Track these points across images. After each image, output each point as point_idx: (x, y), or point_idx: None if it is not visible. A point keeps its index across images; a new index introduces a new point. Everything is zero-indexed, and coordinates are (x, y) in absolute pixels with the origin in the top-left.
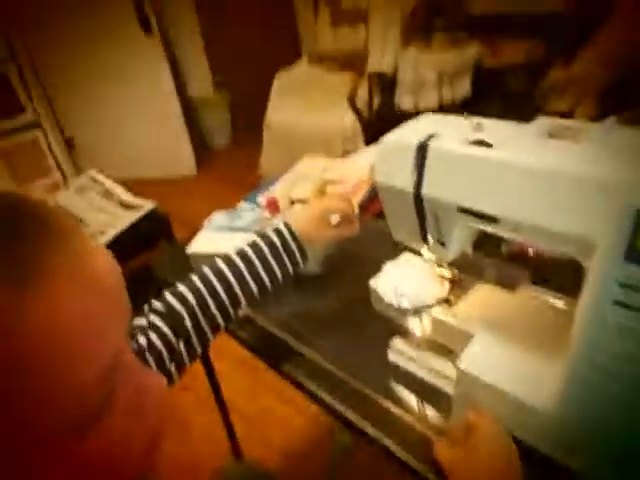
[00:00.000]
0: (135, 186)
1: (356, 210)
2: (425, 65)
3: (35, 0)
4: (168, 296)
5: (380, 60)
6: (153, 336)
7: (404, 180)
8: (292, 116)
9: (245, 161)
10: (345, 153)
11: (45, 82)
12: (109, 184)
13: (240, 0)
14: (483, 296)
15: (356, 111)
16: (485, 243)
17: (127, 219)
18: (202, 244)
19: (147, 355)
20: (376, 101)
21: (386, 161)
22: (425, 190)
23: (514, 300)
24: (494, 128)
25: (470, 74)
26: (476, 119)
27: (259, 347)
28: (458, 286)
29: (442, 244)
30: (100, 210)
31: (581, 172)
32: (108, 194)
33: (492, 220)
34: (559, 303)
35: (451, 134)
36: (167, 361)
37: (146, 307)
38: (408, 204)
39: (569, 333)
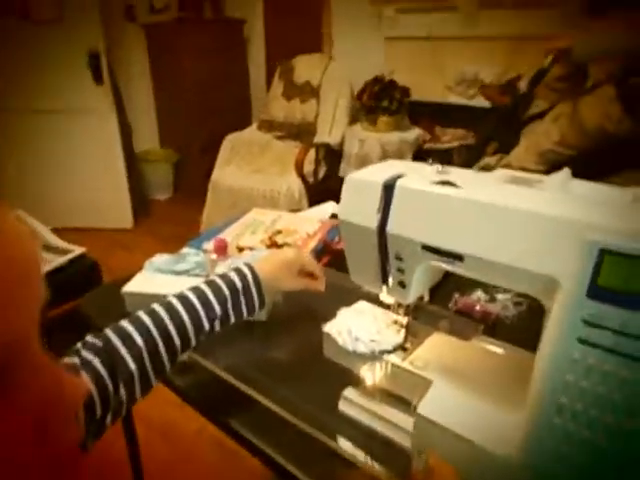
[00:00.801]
0: (66, 234)
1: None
2: (370, 141)
3: None
4: (108, 332)
5: (328, 133)
6: (84, 376)
7: (369, 217)
8: (238, 176)
9: (185, 217)
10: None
11: None
12: (36, 225)
13: (196, 64)
14: (439, 344)
15: (302, 177)
16: (434, 299)
17: (51, 263)
18: (140, 284)
19: None
20: (322, 170)
21: (351, 199)
22: (390, 228)
23: (470, 349)
24: (457, 173)
25: (411, 153)
26: (439, 165)
27: (198, 395)
28: (413, 334)
29: (402, 286)
30: None
31: (544, 211)
32: (32, 236)
33: (456, 258)
34: (514, 353)
35: (417, 175)
36: (98, 408)
37: (78, 344)
38: (371, 242)
39: (528, 381)
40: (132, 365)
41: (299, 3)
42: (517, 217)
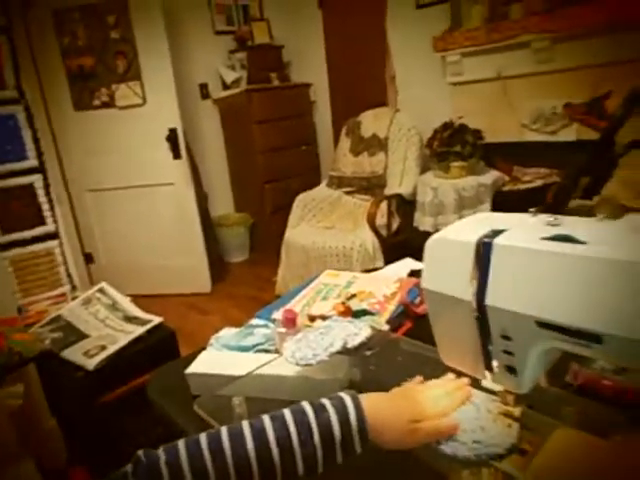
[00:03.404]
0: (145, 301)
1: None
2: (444, 188)
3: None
4: (161, 462)
5: (399, 184)
6: None
7: (461, 287)
8: (310, 234)
9: (261, 279)
10: (364, 272)
11: (72, 193)
12: (118, 297)
13: (265, 131)
14: (567, 444)
15: (375, 231)
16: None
17: (131, 334)
18: (205, 364)
19: None
20: (395, 222)
21: (436, 263)
22: (490, 300)
23: (613, 450)
24: (573, 223)
25: (490, 197)
26: (547, 215)
27: None
28: (530, 430)
29: (512, 371)
30: (104, 324)
31: None
32: (114, 308)
33: (591, 339)
34: None
35: (520, 230)
36: None
37: (128, 467)
38: (467, 318)
39: None
40: None
41: (361, 61)
42: None
